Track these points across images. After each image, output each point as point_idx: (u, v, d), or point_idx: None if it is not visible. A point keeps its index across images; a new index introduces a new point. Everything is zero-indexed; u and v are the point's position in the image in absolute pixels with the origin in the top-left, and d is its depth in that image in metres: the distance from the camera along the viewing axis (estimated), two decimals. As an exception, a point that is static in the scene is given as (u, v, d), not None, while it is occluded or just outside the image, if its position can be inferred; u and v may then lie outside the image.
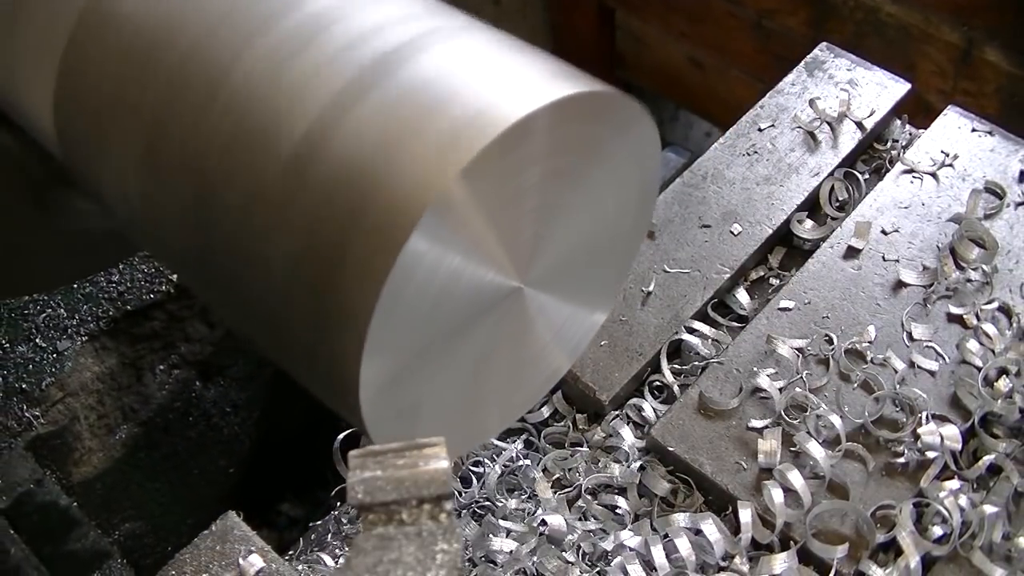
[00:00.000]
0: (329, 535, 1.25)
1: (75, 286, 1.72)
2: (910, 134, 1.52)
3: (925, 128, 1.51)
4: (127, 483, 1.82)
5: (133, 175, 0.81)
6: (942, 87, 1.97)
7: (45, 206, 1.18)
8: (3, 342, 1.66)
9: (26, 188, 1.16)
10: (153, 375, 1.83)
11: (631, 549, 1.14)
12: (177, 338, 1.84)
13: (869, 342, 1.27)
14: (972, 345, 1.25)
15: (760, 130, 1.48)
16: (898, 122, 1.53)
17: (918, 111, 1.54)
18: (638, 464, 1.21)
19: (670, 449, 1.20)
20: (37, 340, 1.68)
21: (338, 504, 1.28)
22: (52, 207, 1.18)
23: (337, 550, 1.22)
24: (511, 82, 0.70)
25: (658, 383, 1.29)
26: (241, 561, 1.08)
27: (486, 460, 1.23)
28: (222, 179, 0.74)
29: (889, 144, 1.51)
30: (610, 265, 0.93)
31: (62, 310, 1.70)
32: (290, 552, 1.24)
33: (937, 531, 1.14)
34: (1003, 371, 1.24)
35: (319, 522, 1.27)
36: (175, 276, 1.77)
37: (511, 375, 0.89)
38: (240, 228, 0.73)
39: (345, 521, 1.26)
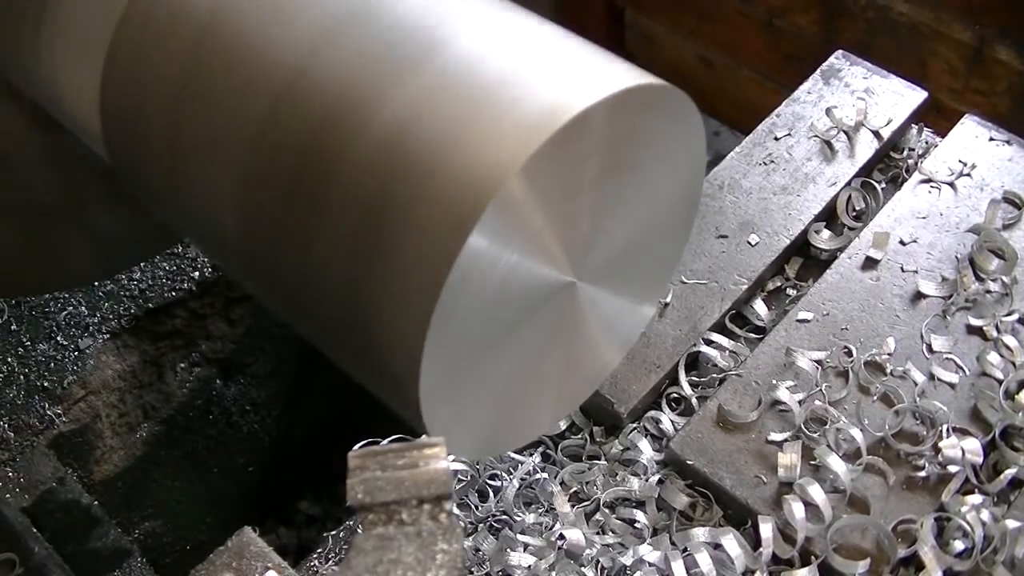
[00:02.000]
0: (344, 545, 1.20)
1: (96, 284, 1.68)
2: (927, 143, 1.46)
3: (937, 128, 1.45)
4: (148, 481, 1.78)
5: (182, 165, 0.78)
6: (953, 85, 1.91)
7: (86, 204, 1.15)
8: (25, 340, 1.63)
9: (68, 187, 1.13)
10: (174, 373, 1.79)
11: (650, 564, 1.09)
12: (198, 336, 1.81)
13: (888, 354, 1.21)
14: (992, 357, 1.19)
15: (776, 139, 1.42)
16: (914, 130, 1.47)
17: (929, 110, 1.48)
18: (656, 478, 1.16)
19: (689, 463, 1.14)
20: (59, 338, 1.64)
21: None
22: (93, 205, 1.15)
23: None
24: (568, 74, 0.67)
25: (676, 395, 1.23)
26: (258, 578, 1.02)
27: (503, 474, 1.18)
28: (276, 169, 0.71)
29: (905, 153, 1.45)
30: (660, 258, 0.91)
31: (83, 308, 1.67)
32: (313, 560, 1.19)
33: (959, 546, 1.08)
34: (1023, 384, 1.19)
35: (332, 532, 1.22)
36: (216, 268, 1.72)
37: (563, 369, 0.86)
38: (296, 218, 0.70)
39: (360, 530, 1.20)
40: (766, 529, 1.08)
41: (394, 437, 1.20)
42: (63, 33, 0.89)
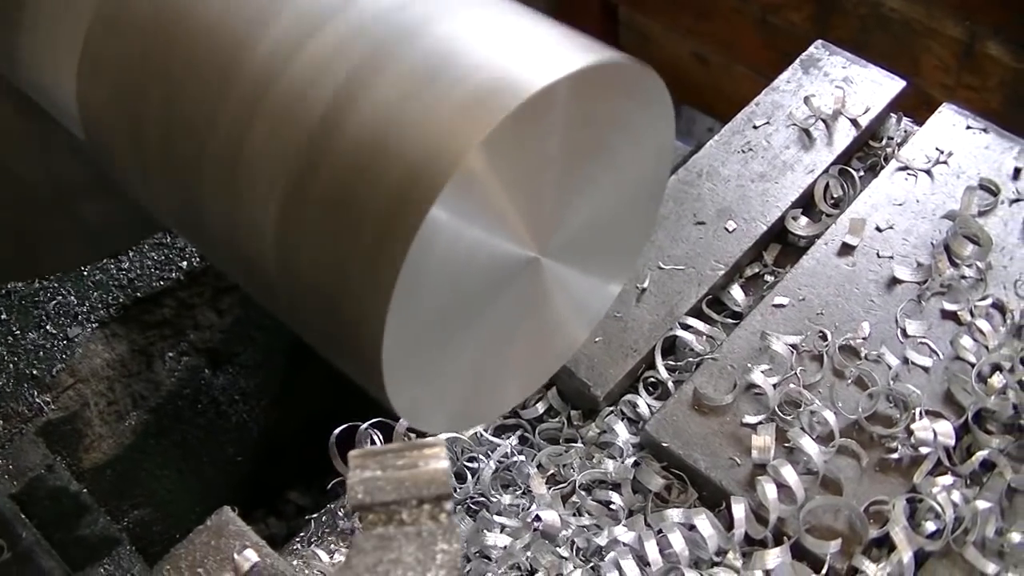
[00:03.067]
0: (325, 530, 1.21)
1: (85, 273, 1.69)
2: (905, 131, 1.47)
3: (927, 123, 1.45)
4: (137, 470, 1.78)
5: (155, 155, 0.79)
6: (945, 82, 1.91)
7: (71, 189, 1.16)
8: (15, 329, 1.63)
9: (53, 172, 1.14)
10: (163, 362, 1.79)
11: (625, 544, 1.09)
12: (187, 325, 1.81)
13: (863, 338, 1.22)
14: (966, 341, 1.20)
15: (755, 127, 1.43)
16: (893, 119, 1.48)
17: (920, 106, 1.48)
18: (632, 460, 1.17)
19: (664, 445, 1.15)
20: (48, 327, 1.65)
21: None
22: (78, 190, 1.16)
23: (332, 545, 1.18)
24: (531, 52, 0.68)
25: (653, 379, 1.24)
26: (236, 556, 1.04)
27: (481, 456, 1.19)
28: (243, 158, 0.72)
29: (884, 142, 1.46)
30: (627, 235, 0.91)
31: (72, 297, 1.67)
32: (295, 544, 1.20)
33: (930, 527, 1.09)
34: (997, 367, 1.19)
35: (315, 516, 1.23)
36: (198, 254, 1.73)
37: (530, 345, 0.87)
38: (263, 203, 0.71)
39: (341, 515, 1.22)
40: (739, 510, 1.09)
41: (373, 420, 1.22)
42: (43, 17, 0.90)
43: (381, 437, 1.22)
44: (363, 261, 0.66)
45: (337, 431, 1.23)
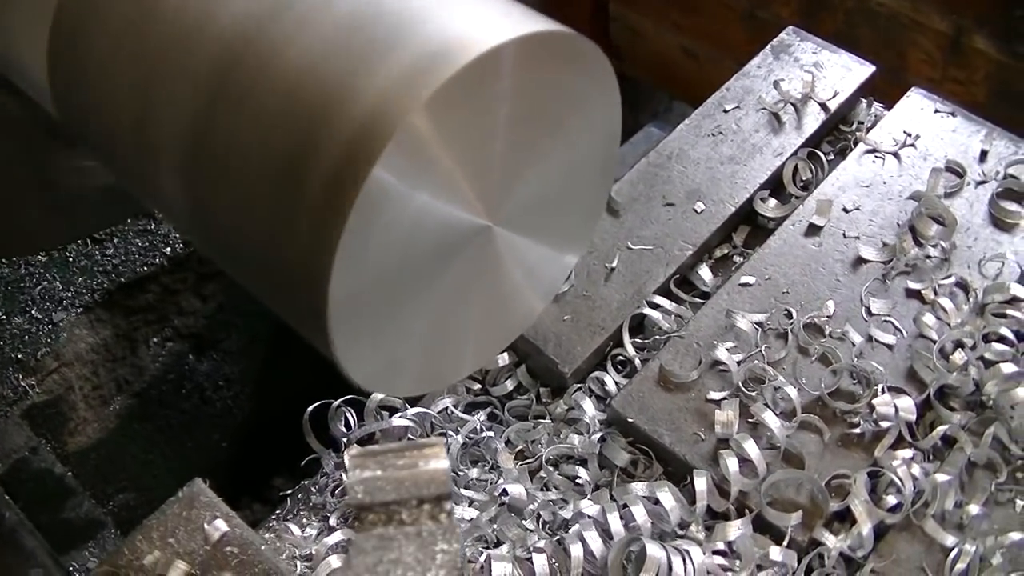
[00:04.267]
0: (300, 506, 1.23)
1: (70, 259, 1.71)
2: (876, 116, 1.49)
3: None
4: (121, 454, 1.80)
5: (125, 116, 0.80)
6: (932, 75, 1.93)
7: (42, 165, 1.17)
8: (0, 314, 1.65)
9: (23, 147, 1.15)
10: (147, 347, 1.81)
11: (589, 517, 1.11)
12: (171, 311, 1.83)
13: (828, 317, 1.24)
14: (928, 319, 1.22)
15: (725, 111, 1.45)
16: (864, 104, 1.50)
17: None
18: (599, 436, 1.19)
19: (630, 420, 1.17)
20: (33, 312, 1.67)
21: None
22: (49, 165, 1.17)
23: (304, 520, 1.20)
24: (479, 16, 0.69)
25: (621, 357, 1.26)
26: (206, 526, 1.06)
27: (451, 432, 1.21)
28: (206, 113, 0.73)
29: (855, 126, 1.48)
30: (580, 207, 0.92)
31: (58, 282, 1.69)
32: (271, 521, 1.22)
33: (891, 500, 1.11)
34: (959, 344, 1.21)
35: (289, 492, 1.25)
36: (181, 240, 1.74)
37: (485, 314, 0.88)
38: (220, 157, 0.72)
39: (315, 491, 1.24)
40: (700, 483, 1.11)
41: (345, 397, 1.24)
42: None
43: (354, 414, 1.25)
44: (307, 222, 0.67)
45: (311, 408, 1.25)
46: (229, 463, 2.01)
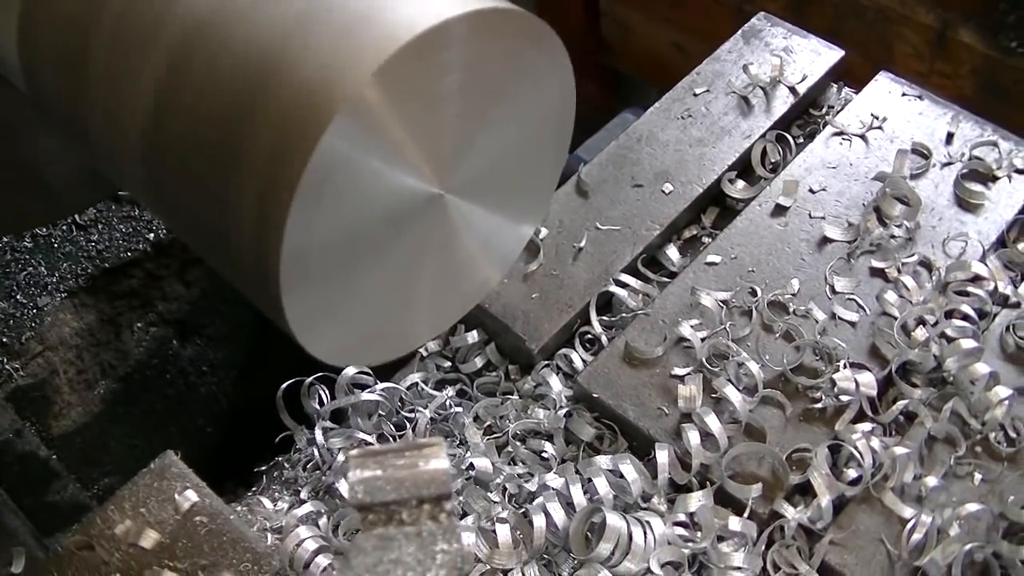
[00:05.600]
0: (273, 483, 1.26)
1: (55, 244, 1.73)
2: (845, 100, 1.51)
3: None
4: (106, 438, 1.82)
5: (90, 82, 0.82)
6: (919, 69, 1.94)
7: (13, 143, 1.19)
8: None
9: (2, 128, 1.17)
10: (131, 332, 1.82)
11: (553, 489, 1.14)
12: (154, 296, 1.84)
13: (792, 294, 1.26)
14: (890, 296, 1.24)
15: (695, 95, 1.47)
16: (834, 88, 1.52)
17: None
18: (565, 411, 1.21)
19: (595, 396, 1.19)
20: (18, 296, 1.69)
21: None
22: (20, 144, 1.19)
23: (276, 494, 1.23)
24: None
25: (588, 335, 1.29)
26: (177, 496, 1.08)
27: (420, 408, 1.23)
28: (166, 86, 0.75)
29: (824, 109, 1.50)
30: (535, 179, 0.95)
31: (42, 268, 1.72)
32: (247, 498, 1.25)
33: (851, 473, 1.13)
34: (921, 321, 1.23)
35: (263, 468, 1.28)
36: (165, 226, 1.75)
37: (439, 284, 0.90)
38: (178, 126, 0.75)
39: (287, 466, 1.26)
40: (662, 456, 1.13)
41: (318, 375, 1.26)
42: None
43: (326, 390, 1.27)
44: (255, 191, 0.69)
45: (284, 385, 1.28)
46: (214, 448, 2.03)
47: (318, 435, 1.22)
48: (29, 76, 0.91)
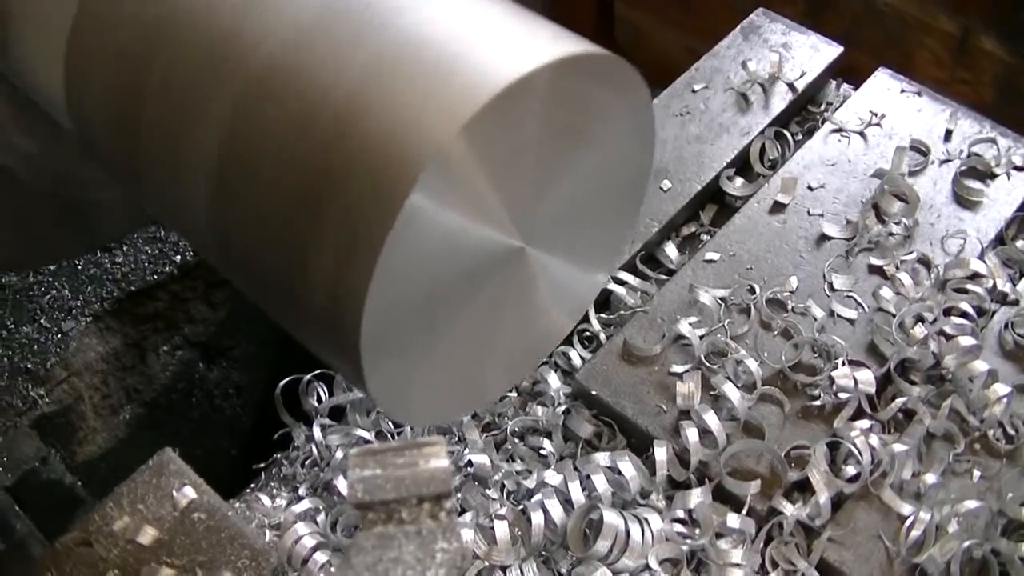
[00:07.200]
0: (272, 480, 1.26)
1: (79, 267, 1.69)
2: (844, 97, 1.51)
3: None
4: (130, 463, 1.78)
5: (144, 133, 0.79)
6: (939, 76, 1.92)
7: (56, 179, 1.16)
8: (8, 323, 1.63)
9: (44, 163, 1.13)
10: (156, 356, 1.79)
11: (552, 486, 1.14)
12: (180, 319, 1.81)
13: (791, 292, 1.26)
14: (887, 293, 1.24)
15: (694, 91, 1.47)
16: (833, 85, 1.52)
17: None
18: (563, 408, 1.21)
19: (594, 393, 1.19)
20: (42, 320, 1.65)
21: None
22: (62, 179, 1.16)
23: (274, 491, 1.23)
24: (511, 40, 0.69)
25: (587, 332, 1.28)
26: (175, 493, 1.08)
27: (418, 404, 1.23)
28: (231, 137, 0.72)
29: (823, 106, 1.50)
30: (610, 224, 0.91)
31: (67, 291, 1.68)
32: (245, 494, 1.25)
33: (850, 470, 1.13)
34: (920, 319, 1.23)
35: (262, 465, 1.28)
36: (185, 242, 1.73)
37: (514, 335, 0.87)
38: (248, 179, 0.71)
39: (286, 463, 1.26)
40: (661, 453, 1.13)
41: (316, 372, 1.27)
42: (29, 10, 0.89)
43: (325, 388, 1.27)
44: (340, 247, 0.66)
45: (283, 383, 1.28)
46: (237, 468, 2.00)
47: (316, 432, 1.22)
48: (78, 124, 0.87)
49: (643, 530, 1.07)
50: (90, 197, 1.22)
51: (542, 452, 1.19)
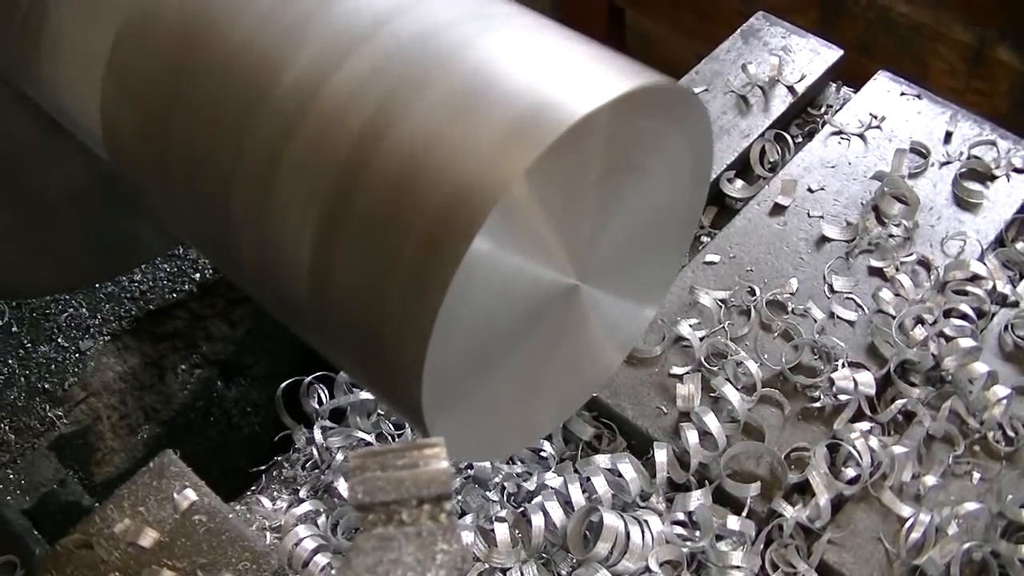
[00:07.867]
0: (273, 482, 1.26)
1: (97, 285, 1.68)
2: (844, 99, 1.51)
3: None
4: (149, 484, 1.77)
5: (181, 183, 0.78)
6: (954, 86, 1.91)
7: (88, 206, 1.15)
8: (25, 342, 1.60)
9: (70, 189, 1.12)
10: (175, 375, 1.75)
11: (552, 488, 1.14)
12: (199, 337, 1.78)
13: (791, 294, 1.26)
14: (886, 294, 1.24)
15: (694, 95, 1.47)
16: (832, 88, 1.52)
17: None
18: (563, 409, 1.21)
19: (594, 395, 1.20)
20: (59, 340, 1.62)
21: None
22: (92, 205, 1.15)
23: (275, 493, 1.23)
24: (571, 77, 0.68)
25: (587, 334, 1.29)
26: (176, 495, 1.08)
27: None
28: (275, 187, 0.70)
29: (823, 109, 1.50)
30: (662, 257, 0.90)
31: (84, 310, 1.65)
32: (247, 496, 1.25)
33: (850, 472, 1.13)
34: (920, 320, 1.23)
35: (263, 468, 1.28)
36: (212, 267, 1.71)
37: (565, 371, 0.86)
38: (298, 231, 0.70)
39: (287, 465, 1.27)
40: (660, 455, 1.13)
41: (317, 374, 1.27)
42: (65, 36, 0.88)
43: (325, 390, 1.27)
44: (403, 290, 0.65)
45: (283, 385, 1.28)
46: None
47: (317, 434, 1.23)
48: (115, 157, 0.86)
49: (643, 532, 1.07)
50: (123, 224, 1.21)
51: (542, 454, 1.20)
